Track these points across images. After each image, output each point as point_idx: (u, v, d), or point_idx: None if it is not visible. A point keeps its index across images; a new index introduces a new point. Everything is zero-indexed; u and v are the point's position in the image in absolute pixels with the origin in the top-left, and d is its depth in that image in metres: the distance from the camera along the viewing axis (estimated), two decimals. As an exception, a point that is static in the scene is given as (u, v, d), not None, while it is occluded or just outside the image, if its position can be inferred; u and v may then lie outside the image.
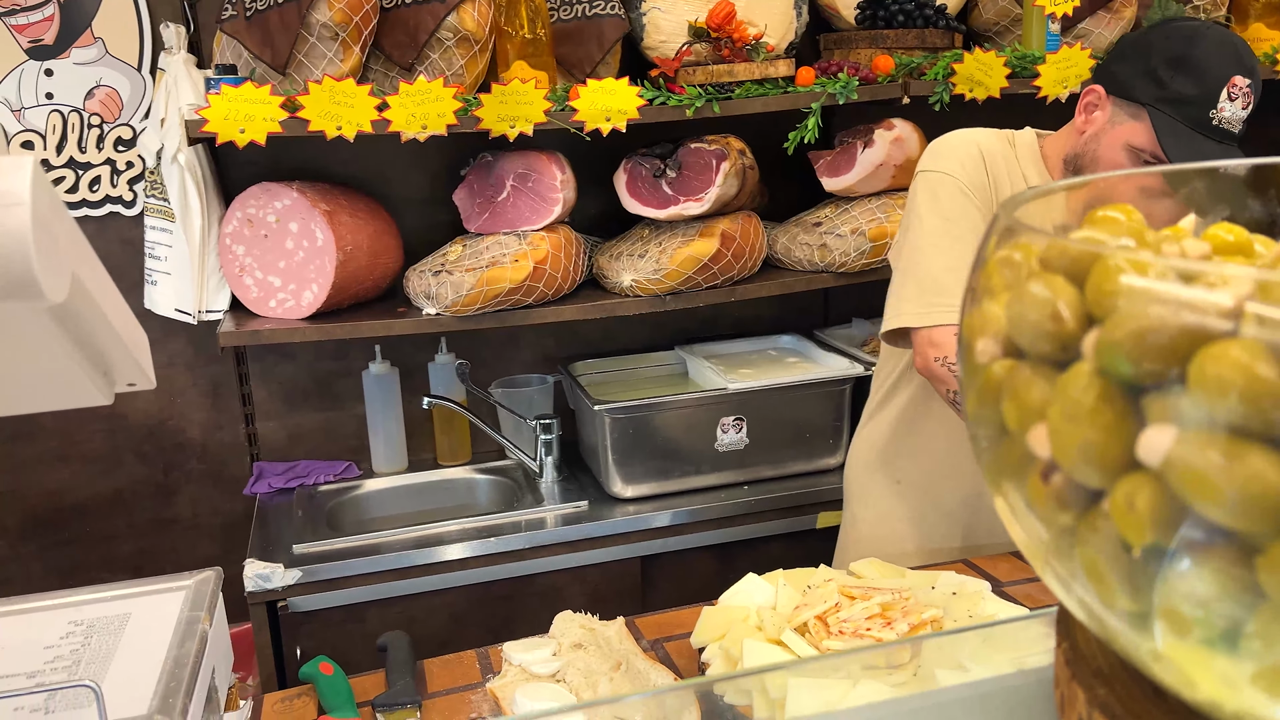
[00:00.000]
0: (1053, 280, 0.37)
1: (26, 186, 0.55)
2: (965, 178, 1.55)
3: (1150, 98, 1.46)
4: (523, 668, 1.24)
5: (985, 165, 1.57)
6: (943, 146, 1.60)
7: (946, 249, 1.51)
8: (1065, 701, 0.45)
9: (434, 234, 2.35)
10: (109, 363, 0.76)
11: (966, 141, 1.59)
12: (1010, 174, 1.59)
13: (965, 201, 1.53)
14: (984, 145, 1.59)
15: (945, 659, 1.05)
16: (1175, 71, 1.44)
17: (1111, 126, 1.51)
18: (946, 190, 1.54)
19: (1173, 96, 1.44)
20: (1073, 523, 0.37)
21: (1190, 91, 1.43)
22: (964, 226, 1.51)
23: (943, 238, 1.51)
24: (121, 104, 2.22)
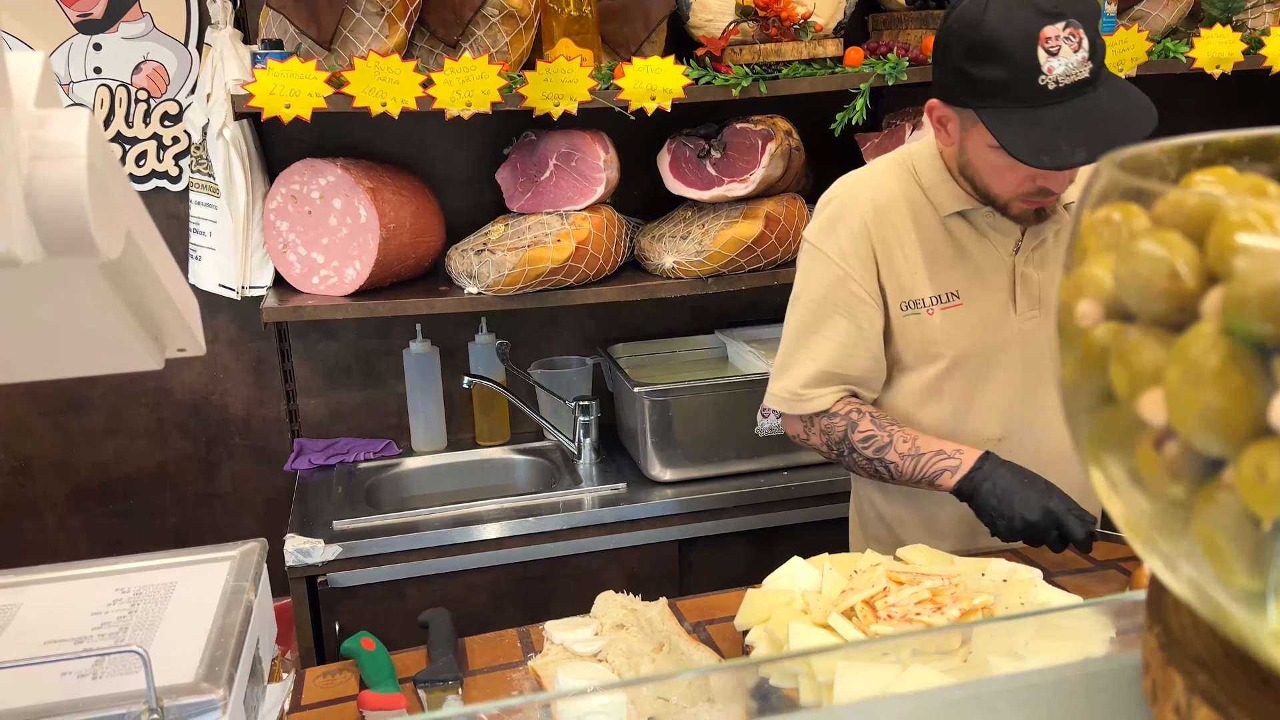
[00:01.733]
0: (1168, 237, 0.35)
1: (83, 139, 0.54)
2: (841, 257, 1.49)
3: (971, 97, 1.32)
4: (564, 647, 1.23)
5: (870, 235, 1.48)
6: (828, 214, 1.52)
7: (808, 338, 1.52)
8: (1159, 689, 0.43)
9: (476, 213, 2.34)
10: (160, 326, 0.75)
11: (851, 211, 1.49)
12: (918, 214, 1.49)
13: (837, 286, 1.49)
14: (878, 202, 1.49)
15: (997, 646, 1.02)
16: (977, 62, 1.29)
17: (967, 134, 1.39)
18: (817, 270, 1.51)
19: (989, 89, 1.29)
20: (1186, 495, 0.34)
21: (1002, 75, 1.28)
22: (830, 310, 1.50)
23: (807, 324, 1.52)
24: (168, 79, 2.23)
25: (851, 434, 1.49)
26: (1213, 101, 2.70)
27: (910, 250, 1.49)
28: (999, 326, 1.50)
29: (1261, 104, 2.81)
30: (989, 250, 1.49)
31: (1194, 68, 2.32)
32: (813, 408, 1.52)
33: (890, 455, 1.46)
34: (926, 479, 1.44)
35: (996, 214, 1.47)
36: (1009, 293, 1.50)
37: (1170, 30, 2.38)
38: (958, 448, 1.43)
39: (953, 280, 1.49)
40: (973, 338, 1.50)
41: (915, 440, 1.45)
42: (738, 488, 2.18)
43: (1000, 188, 1.40)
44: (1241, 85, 2.56)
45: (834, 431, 1.51)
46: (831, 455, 1.54)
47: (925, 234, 1.49)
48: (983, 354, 1.50)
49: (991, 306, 1.50)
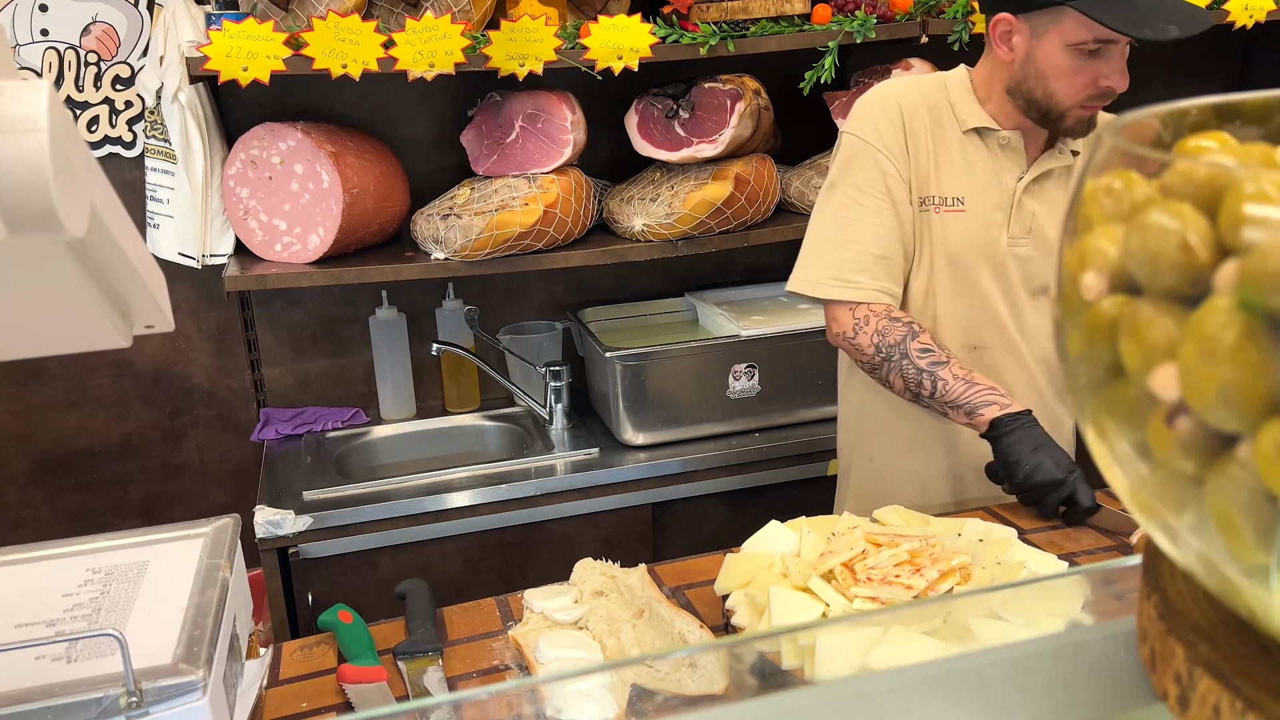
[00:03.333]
0: (1179, 208, 0.34)
1: (44, 110, 0.51)
2: (880, 142, 1.56)
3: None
4: (544, 615, 1.23)
5: (904, 124, 1.57)
6: (864, 105, 1.60)
7: (850, 222, 1.56)
8: (1157, 658, 0.43)
9: (441, 176, 2.31)
10: (127, 302, 0.73)
11: (887, 99, 1.59)
12: (939, 122, 1.58)
13: (876, 170, 1.55)
14: (906, 101, 1.58)
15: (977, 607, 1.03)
16: None
17: (1039, 40, 1.46)
18: (860, 158, 1.57)
19: None
20: (1198, 469, 0.34)
21: None
22: (871, 197, 1.56)
23: (850, 209, 1.56)
24: (119, 41, 2.16)
25: (911, 341, 1.52)
26: (1178, 57, 2.71)
27: (933, 149, 1.58)
28: (991, 244, 1.58)
29: (1226, 59, 2.83)
30: (996, 172, 1.58)
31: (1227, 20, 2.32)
32: (861, 295, 1.54)
33: (944, 373, 1.49)
34: (971, 405, 1.47)
35: (1012, 140, 1.56)
36: (1006, 214, 1.58)
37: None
38: (1009, 395, 1.49)
39: (961, 188, 1.57)
40: (965, 246, 1.57)
41: (971, 371, 1.50)
42: (710, 450, 2.19)
43: (1066, 91, 1.47)
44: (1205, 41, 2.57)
45: (891, 333, 1.52)
46: (875, 358, 1.54)
47: (945, 140, 1.58)
48: (970, 264, 1.58)
49: (987, 223, 1.58)
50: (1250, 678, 0.38)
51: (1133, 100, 2.03)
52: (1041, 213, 1.59)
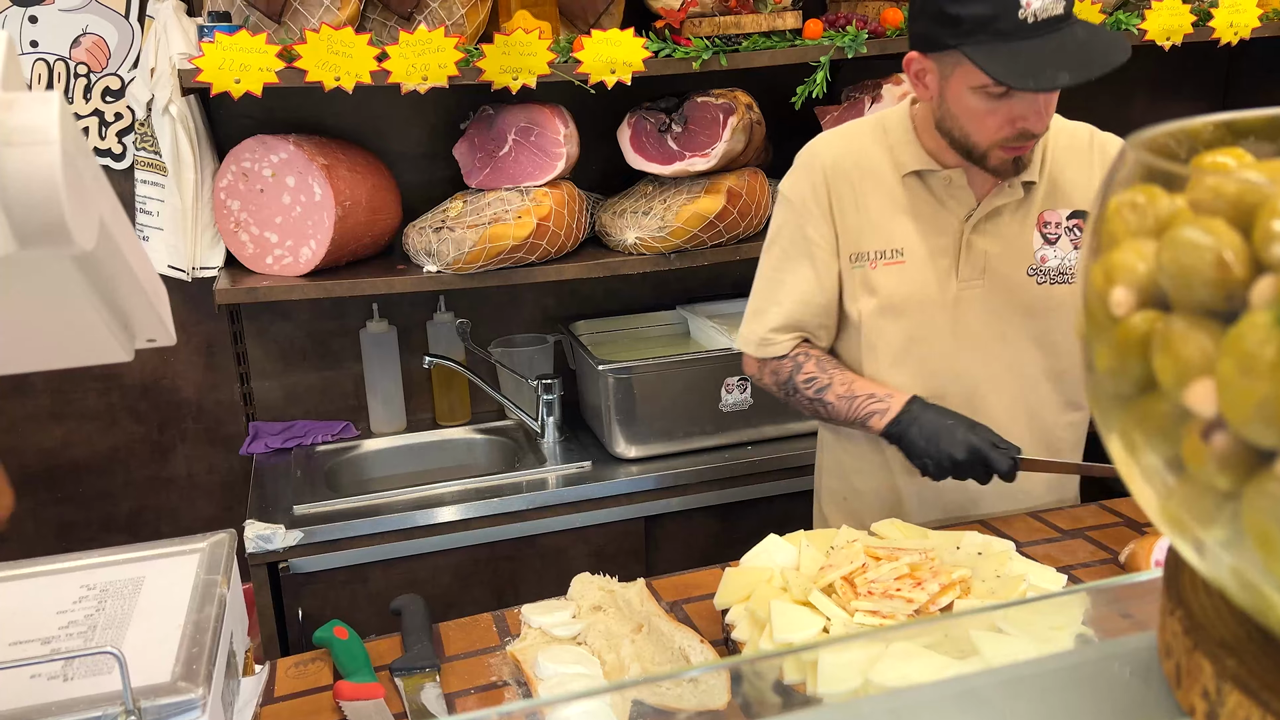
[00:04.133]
0: (1212, 224, 0.35)
1: (55, 123, 0.51)
2: (803, 205, 1.56)
3: (953, 38, 1.36)
4: (543, 630, 1.22)
5: (827, 186, 1.54)
6: (795, 165, 1.60)
7: (777, 284, 1.59)
8: (1184, 674, 0.43)
9: (433, 190, 2.30)
10: (130, 316, 0.72)
11: (812, 162, 1.57)
12: (873, 173, 1.53)
13: (799, 234, 1.56)
14: (833, 159, 1.55)
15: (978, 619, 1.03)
16: (961, 1, 1.34)
17: (945, 82, 1.42)
18: (787, 220, 1.59)
19: (971, 25, 1.33)
20: (1233, 486, 0.34)
21: (984, 10, 1.32)
22: (794, 260, 1.57)
23: (778, 270, 1.59)
24: (109, 53, 2.15)
25: (796, 375, 1.57)
26: (1162, 73, 2.74)
27: (863, 204, 1.54)
28: (938, 290, 1.54)
29: (1209, 75, 2.86)
30: (941, 215, 1.53)
31: (1145, 39, 2.35)
32: (774, 352, 1.59)
33: (828, 396, 1.54)
34: (859, 420, 1.51)
35: (954, 179, 1.51)
36: (953, 258, 1.53)
37: (1122, 3, 2.41)
38: (889, 392, 1.51)
39: (900, 238, 1.54)
40: (907, 296, 1.54)
41: (852, 384, 1.53)
42: (703, 463, 2.18)
43: (980, 134, 1.42)
44: (1189, 57, 2.60)
45: (782, 373, 1.59)
46: (780, 395, 1.62)
47: (882, 190, 1.54)
48: (918, 313, 1.54)
49: (933, 270, 1.54)
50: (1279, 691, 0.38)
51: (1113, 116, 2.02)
52: (995, 250, 1.52)
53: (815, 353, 1.59)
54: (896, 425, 1.45)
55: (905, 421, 1.45)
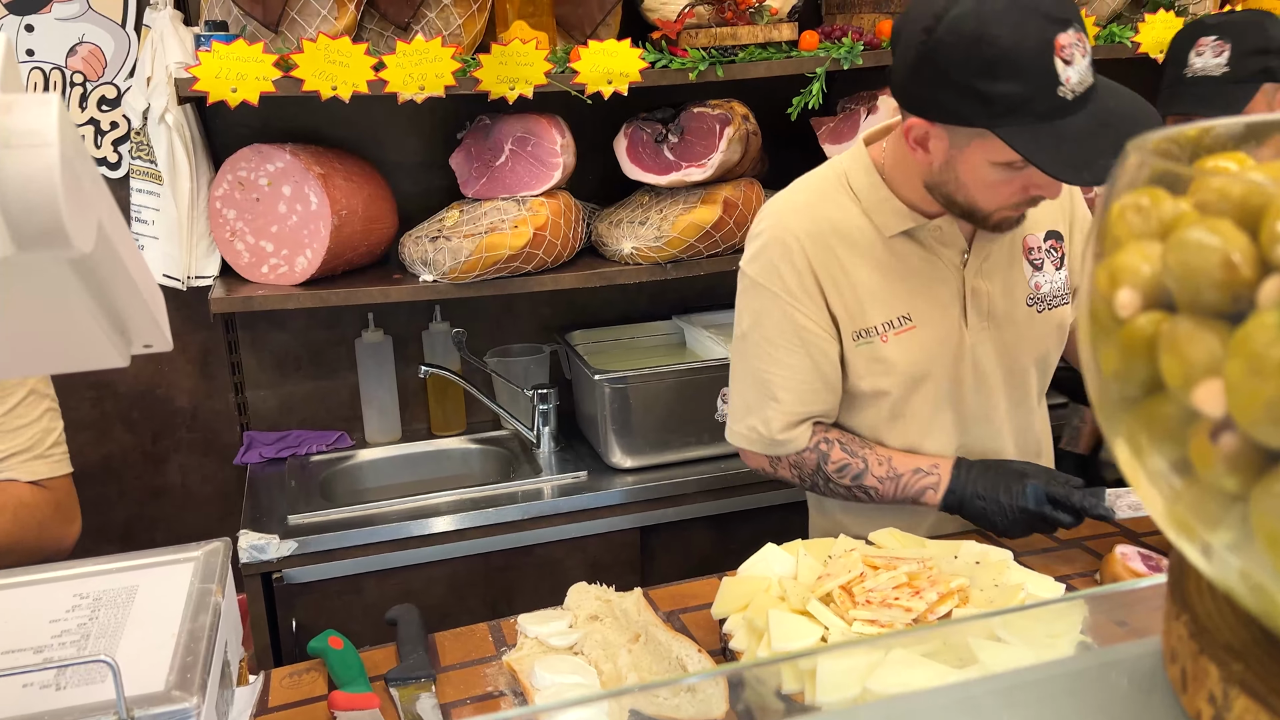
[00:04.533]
0: (1220, 225, 0.34)
1: (54, 125, 0.50)
2: (786, 292, 1.42)
3: (984, 117, 1.22)
4: (539, 640, 1.22)
5: (811, 268, 1.41)
6: (765, 246, 1.44)
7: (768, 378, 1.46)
8: (1189, 678, 0.43)
9: (429, 199, 2.30)
10: (127, 321, 0.71)
11: (788, 241, 1.42)
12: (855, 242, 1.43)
13: (786, 321, 1.43)
14: (809, 237, 1.41)
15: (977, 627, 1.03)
16: (991, 78, 1.19)
17: (959, 151, 1.29)
18: (768, 309, 1.44)
19: (1006, 106, 1.20)
20: (1241, 488, 0.34)
21: (1020, 90, 1.19)
22: (785, 350, 1.44)
23: (765, 362, 1.46)
24: (105, 62, 2.15)
25: (825, 465, 1.47)
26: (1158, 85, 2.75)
27: (855, 277, 1.42)
28: (953, 344, 1.46)
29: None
30: (937, 266, 1.44)
31: (1139, 52, 2.36)
32: (788, 450, 1.48)
33: (868, 480, 1.45)
34: (910, 498, 1.44)
35: (944, 227, 1.42)
36: (960, 308, 1.45)
37: (1115, 15, 2.42)
38: (933, 462, 1.43)
39: (903, 303, 1.43)
40: (928, 359, 1.45)
41: (890, 461, 1.44)
42: (699, 473, 2.18)
43: (990, 202, 1.33)
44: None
45: (805, 466, 1.48)
46: (804, 486, 1.52)
47: (870, 258, 1.42)
48: (939, 374, 1.46)
49: (944, 325, 1.45)
50: (1288, 697, 0.38)
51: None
52: (996, 290, 1.46)
53: (835, 434, 1.47)
54: (952, 496, 1.40)
55: (959, 490, 1.39)
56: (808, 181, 1.51)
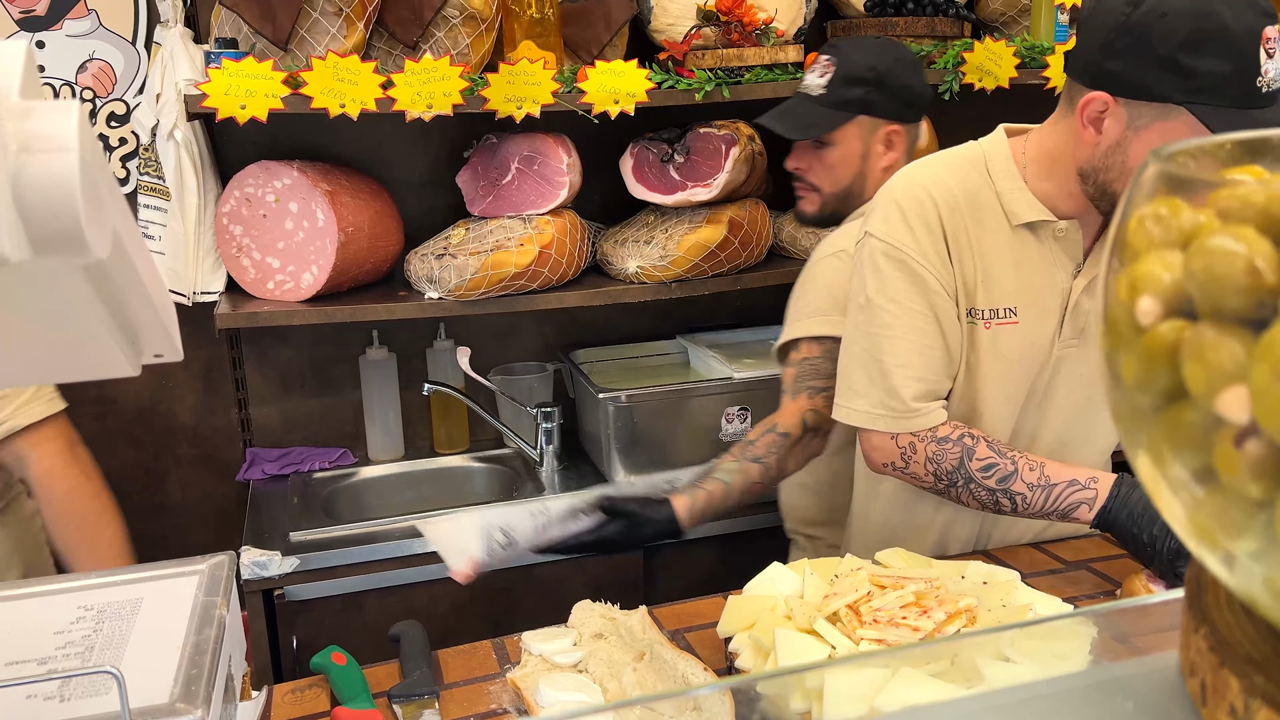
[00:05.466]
0: (1243, 232, 0.35)
1: (74, 131, 0.51)
2: (919, 251, 1.38)
3: (1181, 92, 1.20)
4: (543, 658, 1.21)
5: (943, 228, 1.38)
6: (893, 203, 1.41)
7: (893, 342, 1.39)
8: (1209, 691, 0.43)
9: (435, 217, 2.31)
10: (138, 330, 0.71)
11: (921, 198, 1.39)
12: (982, 219, 1.39)
13: (916, 284, 1.38)
14: (944, 198, 1.39)
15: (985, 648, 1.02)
16: (1197, 53, 1.18)
17: (1136, 132, 1.26)
18: (896, 269, 1.39)
19: (1207, 83, 1.18)
20: (1266, 494, 0.34)
21: (1224, 69, 1.18)
22: (914, 313, 1.39)
23: (892, 327, 1.39)
24: (115, 78, 2.16)
25: (969, 461, 1.36)
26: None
27: (979, 254, 1.39)
28: (1041, 351, 1.43)
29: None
30: (1051, 270, 1.40)
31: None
32: (926, 422, 1.39)
33: (1016, 485, 1.35)
34: (1059, 512, 1.35)
35: (1069, 232, 1.39)
36: (1059, 318, 1.42)
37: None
38: (1091, 475, 1.34)
39: (1013, 295, 1.40)
40: (1015, 358, 1.42)
41: (1043, 468, 1.35)
42: (702, 493, 2.17)
43: None
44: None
45: (945, 460, 1.38)
46: (939, 486, 1.40)
47: (994, 240, 1.39)
48: (1019, 378, 1.43)
49: (1041, 331, 1.42)
50: (1311, 709, 0.38)
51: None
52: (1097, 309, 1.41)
53: (978, 432, 1.39)
54: (1106, 514, 1.31)
55: (1115, 508, 1.31)
56: (943, 155, 1.47)
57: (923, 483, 1.42)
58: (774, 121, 1.81)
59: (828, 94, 1.77)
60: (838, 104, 1.76)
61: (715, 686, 1.02)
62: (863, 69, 1.75)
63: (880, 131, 1.78)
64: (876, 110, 1.77)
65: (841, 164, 1.80)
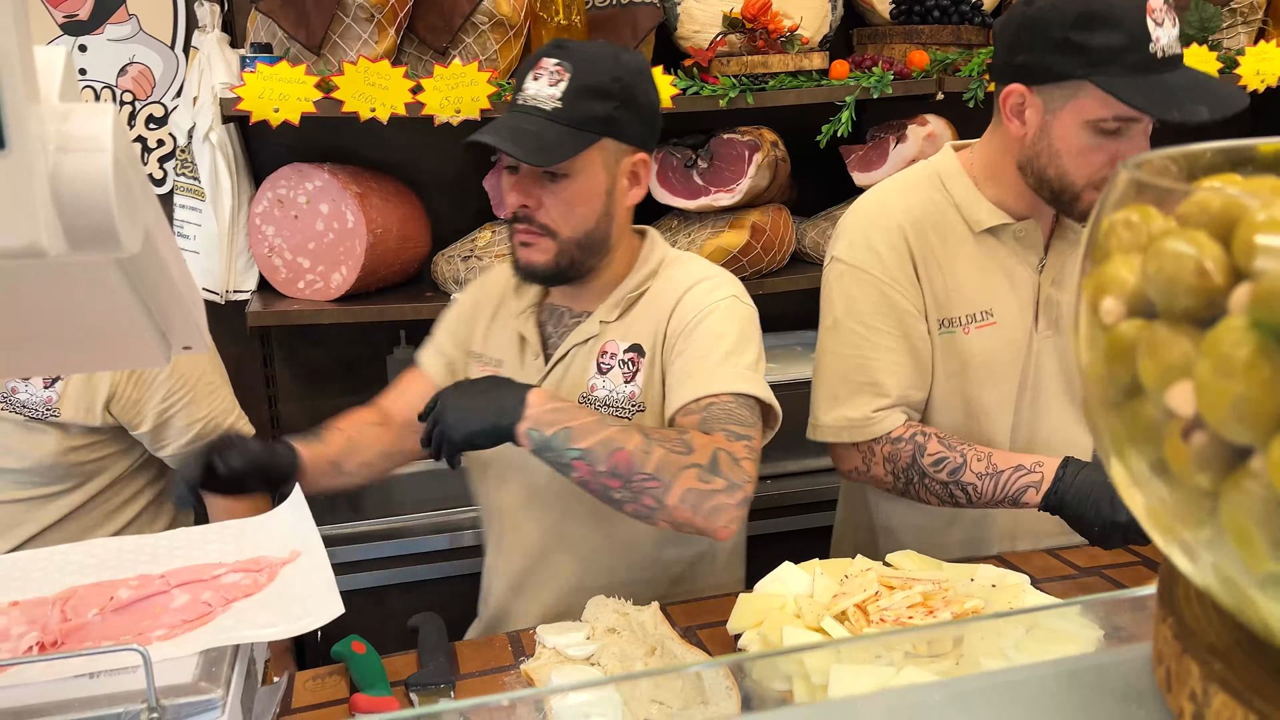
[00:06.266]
0: (1195, 236, 0.36)
1: (109, 132, 0.54)
2: (885, 273, 1.44)
3: (1080, 68, 1.30)
4: (556, 651, 1.23)
5: (909, 250, 1.45)
6: (859, 230, 1.47)
7: (863, 363, 1.46)
8: (1173, 678, 0.44)
9: (462, 220, 2.35)
10: (169, 323, 0.75)
11: (887, 224, 1.46)
12: (947, 234, 1.46)
13: (884, 303, 1.45)
14: (908, 220, 1.45)
15: (989, 648, 1.04)
16: (1089, 30, 1.29)
17: (1054, 115, 1.35)
18: (864, 291, 1.45)
19: (1102, 56, 1.28)
20: (1213, 484, 0.36)
21: (1117, 40, 1.28)
22: (882, 333, 1.45)
23: (860, 347, 1.46)
24: (154, 82, 2.22)
25: (920, 458, 1.42)
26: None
27: (946, 266, 1.46)
28: (1022, 346, 1.49)
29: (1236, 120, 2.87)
30: (1018, 269, 1.48)
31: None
32: (880, 430, 1.45)
33: (966, 476, 1.40)
34: (1009, 498, 1.38)
35: (1029, 230, 1.46)
36: (1033, 312, 1.49)
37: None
38: (1036, 459, 1.39)
39: (987, 298, 1.46)
40: (1000, 357, 1.47)
41: (990, 457, 1.40)
42: (721, 496, 2.19)
43: (1080, 172, 1.35)
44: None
45: (900, 458, 1.44)
46: (898, 486, 1.47)
47: (962, 250, 1.46)
48: (1005, 376, 1.48)
49: (1018, 326, 1.48)
50: (1263, 694, 0.39)
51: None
52: (1067, 300, 1.49)
53: (930, 429, 1.45)
54: (1054, 496, 1.35)
55: (1062, 490, 1.34)
56: (898, 178, 1.55)
57: (884, 484, 1.49)
58: (504, 142, 1.31)
59: (565, 108, 1.34)
60: (578, 122, 1.35)
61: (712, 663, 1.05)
62: (606, 79, 1.37)
63: (626, 161, 1.43)
64: (623, 133, 1.40)
65: (584, 200, 1.40)
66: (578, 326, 1.49)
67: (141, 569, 1.09)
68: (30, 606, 1.00)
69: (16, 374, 0.86)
